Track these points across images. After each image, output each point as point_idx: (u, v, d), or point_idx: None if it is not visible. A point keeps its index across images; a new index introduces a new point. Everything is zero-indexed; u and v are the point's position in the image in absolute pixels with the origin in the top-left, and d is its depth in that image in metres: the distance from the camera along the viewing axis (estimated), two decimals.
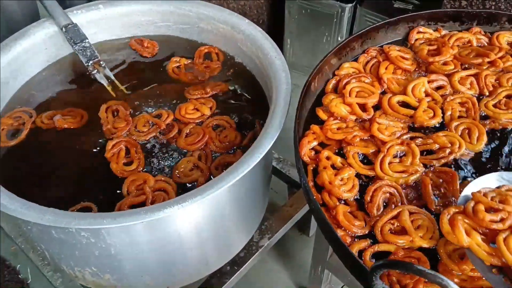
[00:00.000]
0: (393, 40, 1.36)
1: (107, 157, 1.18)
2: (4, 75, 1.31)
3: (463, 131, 1.09)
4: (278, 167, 1.71)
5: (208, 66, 1.44)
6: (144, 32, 1.55)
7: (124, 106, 1.31)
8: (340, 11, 2.10)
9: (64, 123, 1.26)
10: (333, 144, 1.09)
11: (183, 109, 1.29)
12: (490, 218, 0.84)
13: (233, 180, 0.99)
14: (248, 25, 1.40)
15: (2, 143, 1.22)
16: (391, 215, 0.94)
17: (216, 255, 1.30)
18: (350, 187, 1.00)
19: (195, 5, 1.47)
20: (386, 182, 1.00)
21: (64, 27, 1.39)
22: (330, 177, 1.00)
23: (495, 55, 1.25)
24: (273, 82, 1.25)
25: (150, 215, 0.94)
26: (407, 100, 1.16)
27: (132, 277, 1.18)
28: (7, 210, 0.95)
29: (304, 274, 1.74)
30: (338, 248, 0.90)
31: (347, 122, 1.12)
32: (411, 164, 1.03)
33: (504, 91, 1.17)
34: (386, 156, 1.04)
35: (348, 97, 1.14)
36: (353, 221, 0.94)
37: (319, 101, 1.18)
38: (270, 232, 1.50)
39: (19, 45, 1.35)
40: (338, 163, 1.05)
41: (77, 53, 1.39)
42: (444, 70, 1.24)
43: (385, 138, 1.07)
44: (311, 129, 1.11)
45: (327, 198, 0.98)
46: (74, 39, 1.39)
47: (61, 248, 1.14)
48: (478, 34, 1.35)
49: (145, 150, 1.21)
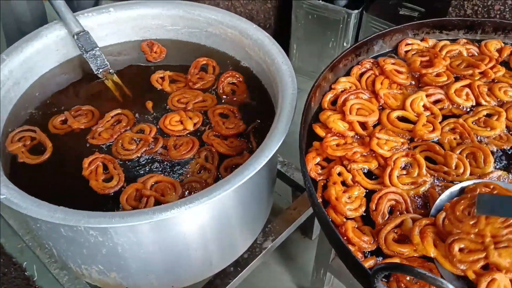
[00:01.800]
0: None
1: (85, 175, 1.17)
2: (16, 76, 1.34)
3: (468, 156, 1.09)
4: (283, 170, 1.73)
5: (201, 77, 1.42)
6: (153, 36, 1.57)
7: (129, 117, 1.31)
8: (346, 17, 2.12)
9: (80, 124, 1.28)
10: (337, 160, 1.10)
11: (168, 119, 1.29)
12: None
13: (239, 183, 1.02)
14: (256, 30, 1.42)
15: (32, 160, 1.22)
16: (394, 224, 0.95)
17: (220, 256, 1.32)
18: (357, 206, 1.00)
19: (205, 10, 1.49)
20: (391, 190, 1.00)
21: (76, 35, 1.41)
22: (338, 193, 1.01)
23: (485, 66, 1.27)
24: (280, 86, 1.27)
25: (158, 215, 0.97)
26: (406, 115, 1.17)
27: (137, 276, 1.20)
28: (18, 208, 0.98)
29: (306, 276, 1.76)
30: (340, 251, 0.92)
31: (346, 138, 1.13)
32: (418, 175, 1.04)
33: (485, 110, 1.18)
34: (394, 169, 1.05)
35: (349, 115, 1.14)
36: (362, 237, 0.94)
37: (316, 115, 1.20)
38: (273, 234, 1.52)
39: (31, 46, 1.38)
40: (349, 181, 1.05)
41: (88, 60, 1.42)
42: (437, 81, 1.25)
43: (385, 153, 1.08)
44: (313, 145, 1.12)
45: (333, 214, 0.99)
46: (85, 47, 1.41)
47: (69, 246, 1.16)
48: (467, 45, 1.37)
49: (139, 165, 1.21)
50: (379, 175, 1.07)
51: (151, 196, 1.11)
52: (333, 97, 1.24)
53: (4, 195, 1.00)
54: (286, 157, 1.75)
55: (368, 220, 1.00)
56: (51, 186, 1.17)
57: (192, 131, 1.28)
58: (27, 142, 1.25)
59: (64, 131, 1.29)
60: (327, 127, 1.14)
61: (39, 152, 1.23)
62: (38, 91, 1.40)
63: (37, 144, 1.25)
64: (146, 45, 1.53)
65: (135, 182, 1.15)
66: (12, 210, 0.98)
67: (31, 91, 1.40)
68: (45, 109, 1.35)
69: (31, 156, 1.22)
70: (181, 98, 1.36)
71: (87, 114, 1.32)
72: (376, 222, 0.98)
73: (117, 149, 1.23)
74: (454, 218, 0.88)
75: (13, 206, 0.98)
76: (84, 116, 1.32)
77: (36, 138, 1.26)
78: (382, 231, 0.94)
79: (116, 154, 1.22)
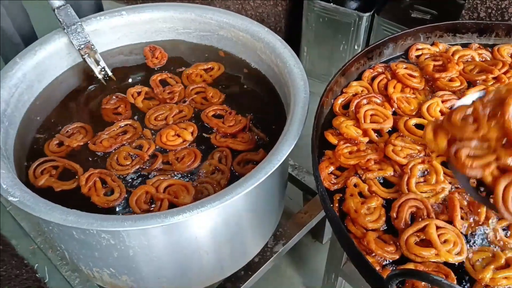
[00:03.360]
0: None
1: (84, 192, 1.15)
2: (29, 79, 1.35)
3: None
4: (294, 173, 1.73)
5: (171, 91, 1.40)
6: (164, 38, 1.58)
7: (137, 130, 1.31)
8: (357, 20, 2.11)
9: (78, 141, 1.26)
10: (351, 168, 1.08)
11: (164, 135, 1.26)
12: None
13: (252, 186, 1.01)
14: (267, 33, 1.42)
15: (69, 186, 1.18)
16: (417, 227, 0.93)
17: (231, 259, 1.32)
18: (376, 217, 0.99)
19: (216, 13, 1.50)
20: (411, 196, 0.99)
21: (57, 8, 1.38)
22: (357, 205, 0.99)
23: (499, 71, 1.25)
24: (291, 90, 1.26)
25: (170, 219, 0.97)
26: (423, 123, 1.15)
27: (149, 279, 1.20)
28: (31, 211, 0.98)
29: (316, 280, 1.75)
30: (354, 256, 0.91)
31: (358, 144, 1.11)
32: (436, 182, 1.03)
33: None
34: (411, 177, 1.03)
35: (364, 123, 1.13)
36: (385, 247, 0.93)
37: (326, 120, 1.18)
38: (284, 238, 1.51)
39: (44, 49, 1.39)
40: (366, 192, 1.03)
41: (69, 36, 1.39)
42: (451, 86, 1.23)
43: (401, 160, 1.06)
44: (326, 154, 1.11)
45: (352, 228, 0.97)
46: (66, 22, 1.38)
47: (81, 249, 1.17)
48: (479, 49, 1.35)
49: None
50: (395, 183, 1.05)
51: (165, 199, 1.11)
52: (345, 101, 1.23)
53: (17, 198, 1.00)
54: (297, 160, 1.75)
55: (387, 228, 0.98)
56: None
57: (192, 140, 1.27)
58: (52, 172, 1.21)
59: (65, 153, 1.26)
60: (339, 133, 1.13)
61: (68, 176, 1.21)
62: (48, 93, 1.41)
63: (62, 170, 1.22)
64: (148, 50, 1.53)
65: (144, 184, 1.15)
66: (25, 212, 0.99)
67: (42, 94, 1.41)
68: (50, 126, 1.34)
69: (66, 182, 1.19)
70: (157, 115, 1.33)
71: (80, 130, 1.30)
72: (399, 230, 0.96)
73: (111, 163, 1.21)
74: (452, 127, 0.82)
75: (26, 209, 0.99)
76: (78, 133, 1.29)
77: (58, 166, 1.22)
78: (404, 233, 0.93)
79: (109, 168, 1.21)
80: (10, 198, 1.00)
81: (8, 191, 1.01)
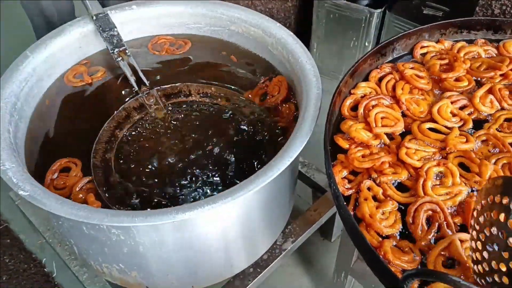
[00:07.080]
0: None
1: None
2: (39, 73, 1.34)
3: (503, 167, 1.03)
4: (303, 171, 1.71)
5: None
6: (174, 32, 1.57)
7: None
8: (368, 16, 2.09)
9: (77, 178, 1.17)
10: (364, 171, 1.05)
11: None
12: None
13: (263, 183, 1.00)
14: (279, 29, 1.41)
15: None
16: (442, 246, 0.89)
17: (241, 256, 1.31)
18: (392, 222, 0.95)
19: (228, 8, 1.48)
20: (426, 200, 0.96)
21: (95, 16, 1.41)
22: (371, 209, 0.96)
23: (507, 67, 1.23)
24: (303, 86, 1.25)
25: (181, 215, 0.96)
26: (438, 128, 1.12)
27: (158, 275, 1.19)
28: (42, 205, 0.97)
29: (325, 279, 1.74)
30: (367, 254, 0.89)
31: (370, 147, 1.08)
32: (453, 185, 1.00)
33: (503, 115, 1.14)
34: (427, 179, 1.00)
35: (376, 128, 1.09)
36: (402, 257, 0.89)
37: (335, 122, 1.15)
38: (293, 236, 1.50)
39: (54, 43, 1.38)
40: (380, 195, 1.00)
41: (105, 40, 1.41)
42: (458, 87, 1.21)
43: (415, 163, 1.03)
44: (338, 158, 1.07)
45: (367, 236, 0.93)
46: (103, 27, 1.41)
47: (91, 244, 1.16)
48: (485, 45, 1.33)
49: None
50: (410, 187, 1.02)
51: None
52: (353, 103, 1.19)
53: (28, 192, 0.99)
54: (307, 157, 1.73)
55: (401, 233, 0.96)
56: None
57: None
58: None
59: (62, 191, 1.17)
60: (349, 137, 1.10)
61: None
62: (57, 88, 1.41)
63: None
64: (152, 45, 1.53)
65: None
66: (33, 206, 0.98)
67: (52, 87, 1.40)
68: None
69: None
70: None
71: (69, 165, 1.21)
72: (415, 236, 0.93)
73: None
74: None
75: (37, 203, 0.98)
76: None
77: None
78: (431, 257, 0.88)
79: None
80: (20, 192, 0.99)
81: (19, 185, 1.00)
